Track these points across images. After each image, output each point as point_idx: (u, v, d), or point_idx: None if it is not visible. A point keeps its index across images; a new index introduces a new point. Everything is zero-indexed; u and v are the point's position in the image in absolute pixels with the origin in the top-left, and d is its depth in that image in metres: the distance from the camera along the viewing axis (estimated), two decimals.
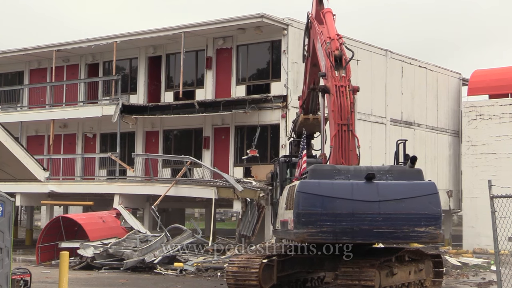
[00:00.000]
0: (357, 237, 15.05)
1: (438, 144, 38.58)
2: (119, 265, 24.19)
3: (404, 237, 15.09)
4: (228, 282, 17.34)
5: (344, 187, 15.06)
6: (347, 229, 14.83)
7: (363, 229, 14.86)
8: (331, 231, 14.79)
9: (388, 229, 14.91)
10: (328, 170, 15.52)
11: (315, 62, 20.54)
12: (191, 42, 32.25)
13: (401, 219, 14.95)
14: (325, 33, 18.47)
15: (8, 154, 13.57)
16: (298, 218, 14.85)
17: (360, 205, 14.91)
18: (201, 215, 55.49)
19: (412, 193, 15.14)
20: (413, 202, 15.02)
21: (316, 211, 14.80)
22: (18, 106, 38.66)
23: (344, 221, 14.80)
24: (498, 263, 12.60)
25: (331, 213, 14.80)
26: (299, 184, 15.21)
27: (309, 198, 14.92)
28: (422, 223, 14.92)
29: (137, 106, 33.50)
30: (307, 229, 14.77)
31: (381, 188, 15.10)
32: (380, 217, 14.87)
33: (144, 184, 30.97)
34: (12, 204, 11.32)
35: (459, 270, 24.68)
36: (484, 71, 39.69)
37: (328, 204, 14.83)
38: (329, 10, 19.58)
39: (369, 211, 14.87)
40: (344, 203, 14.87)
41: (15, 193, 31.24)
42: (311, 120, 20.85)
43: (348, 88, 17.05)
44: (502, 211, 12.65)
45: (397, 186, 15.28)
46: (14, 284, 13.17)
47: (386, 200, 14.96)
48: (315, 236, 14.85)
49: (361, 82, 32.01)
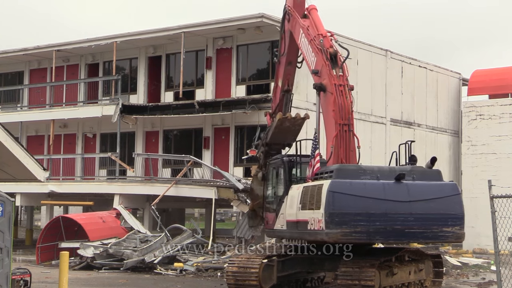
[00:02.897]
0: (389, 237, 15.24)
1: (438, 144, 38.56)
2: (119, 265, 24.19)
3: (433, 237, 15.35)
4: (228, 282, 17.34)
5: (376, 187, 15.07)
6: (380, 229, 14.89)
7: (395, 229, 14.98)
8: (365, 231, 14.79)
9: (419, 229, 15.12)
10: (354, 170, 15.48)
11: (291, 60, 20.22)
12: (191, 42, 32.25)
13: (430, 219, 15.18)
14: (313, 30, 18.21)
15: (8, 154, 13.57)
16: (332, 218, 14.68)
17: (392, 205, 14.99)
18: (201, 215, 55.49)
19: (439, 194, 15.38)
20: (441, 202, 15.28)
21: (350, 211, 14.74)
22: (18, 106, 38.67)
23: (378, 221, 14.84)
24: (498, 263, 12.60)
25: (365, 213, 14.78)
26: (330, 184, 14.91)
27: (342, 197, 14.81)
28: (449, 223, 15.21)
29: (137, 106, 33.51)
30: (341, 229, 14.67)
31: (411, 189, 15.24)
32: (412, 217, 15.04)
33: (144, 184, 30.97)
34: (12, 204, 11.32)
35: (459, 270, 24.67)
36: (484, 71, 39.68)
37: (361, 204, 14.79)
38: (314, 7, 19.31)
39: (401, 211, 14.99)
40: (377, 203, 14.89)
41: (15, 193, 31.24)
42: (288, 123, 19.53)
43: (347, 87, 17.01)
44: (502, 211, 12.66)
45: (425, 186, 15.48)
46: (14, 284, 13.17)
47: (416, 200, 15.13)
48: (349, 236, 14.80)
49: (361, 82, 32.08)
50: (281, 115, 19.69)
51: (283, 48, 20.18)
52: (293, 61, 20.21)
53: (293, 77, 20.85)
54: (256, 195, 21.39)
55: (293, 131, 19.91)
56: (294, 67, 20.40)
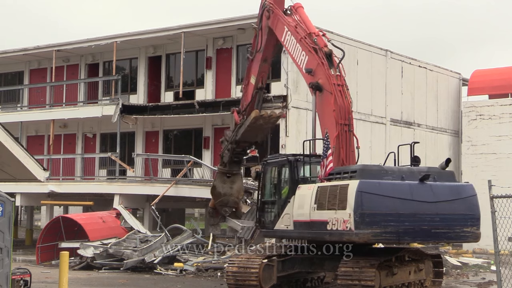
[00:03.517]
0: (417, 238, 15.47)
1: (438, 144, 38.55)
2: (119, 265, 24.19)
3: (456, 237, 15.62)
4: (228, 282, 17.34)
5: (403, 188, 15.17)
6: (409, 230, 15.00)
7: (423, 230, 15.14)
8: (394, 232, 14.87)
9: (443, 229, 15.33)
10: (376, 170, 15.54)
11: (266, 57, 20.19)
12: (191, 42, 32.25)
13: (453, 219, 15.41)
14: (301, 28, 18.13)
15: (8, 154, 13.57)
16: (362, 218, 14.64)
17: (420, 205, 15.13)
18: (201, 215, 55.44)
19: (460, 194, 15.62)
20: (461, 203, 15.52)
21: (380, 211, 14.78)
22: (18, 106, 38.67)
23: (407, 222, 14.94)
24: (498, 263, 12.60)
25: (395, 213, 14.84)
26: (359, 184, 14.86)
27: (372, 198, 14.81)
28: (468, 223, 15.44)
29: (137, 106, 33.51)
30: (371, 229, 14.68)
31: (435, 189, 15.39)
32: (438, 217, 15.22)
33: (144, 184, 30.98)
34: (12, 204, 11.32)
35: (459, 270, 24.66)
36: (484, 71, 39.67)
37: (391, 204, 14.85)
38: (300, 5, 19.24)
39: (428, 211, 15.14)
40: (405, 203, 14.99)
41: (15, 193, 31.24)
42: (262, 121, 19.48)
43: (345, 87, 17.00)
44: (502, 211, 12.66)
45: (447, 187, 15.68)
46: (14, 284, 13.15)
47: (441, 201, 15.32)
48: (379, 237, 14.87)
49: (361, 82, 32.08)
50: (257, 112, 19.69)
51: (260, 45, 20.14)
52: (268, 58, 20.26)
53: (267, 74, 20.93)
54: (219, 193, 21.71)
55: (265, 129, 20.14)
56: (269, 64, 20.49)
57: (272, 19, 19.38)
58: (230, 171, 21.69)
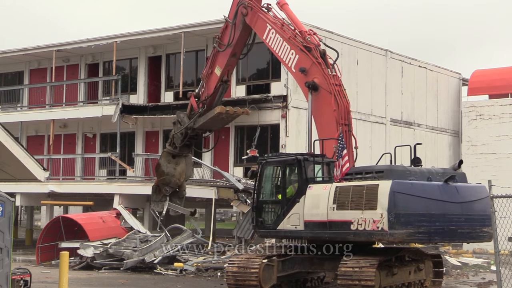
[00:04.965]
0: (445, 238, 15.85)
1: (438, 144, 38.56)
2: (119, 265, 24.18)
3: (476, 236, 15.96)
4: (228, 282, 17.32)
5: (433, 188, 15.42)
6: (439, 230, 15.28)
7: (451, 230, 15.45)
8: (426, 232, 15.12)
9: (467, 229, 15.67)
10: (402, 170, 15.73)
11: (236, 52, 20.36)
12: (191, 42, 32.25)
13: (475, 219, 15.78)
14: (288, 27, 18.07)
15: (8, 154, 13.56)
16: (397, 219, 14.76)
17: (449, 206, 15.41)
18: (201, 215, 55.46)
19: (478, 195, 15.96)
20: (480, 203, 15.81)
21: (414, 211, 14.97)
22: (18, 106, 38.68)
23: (438, 222, 15.21)
24: (498, 263, 12.60)
25: (427, 214, 15.06)
26: (392, 184, 14.95)
27: (406, 198, 14.96)
28: (486, 223, 15.63)
29: (137, 106, 33.51)
30: (406, 230, 14.84)
31: (459, 190, 15.71)
32: (463, 217, 15.57)
33: (144, 184, 30.95)
34: (12, 204, 11.32)
35: (459, 270, 24.65)
36: (484, 71, 39.67)
37: (423, 205, 15.06)
38: (285, 2, 19.13)
39: (456, 212, 15.45)
40: (436, 204, 15.24)
41: (15, 193, 31.23)
42: (226, 116, 20.41)
43: (343, 87, 16.99)
44: (502, 211, 12.66)
45: (469, 188, 16.10)
46: (14, 284, 13.15)
47: (466, 202, 15.66)
48: (413, 237, 15.10)
49: (361, 82, 32.08)
50: (223, 108, 20.61)
51: (231, 39, 20.22)
52: (237, 53, 20.47)
53: (233, 68, 21.24)
54: (162, 171, 22.75)
55: (225, 121, 20.95)
56: (237, 59, 20.74)
57: (251, 16, 19.28)
58: (180, 153, 22.77)
